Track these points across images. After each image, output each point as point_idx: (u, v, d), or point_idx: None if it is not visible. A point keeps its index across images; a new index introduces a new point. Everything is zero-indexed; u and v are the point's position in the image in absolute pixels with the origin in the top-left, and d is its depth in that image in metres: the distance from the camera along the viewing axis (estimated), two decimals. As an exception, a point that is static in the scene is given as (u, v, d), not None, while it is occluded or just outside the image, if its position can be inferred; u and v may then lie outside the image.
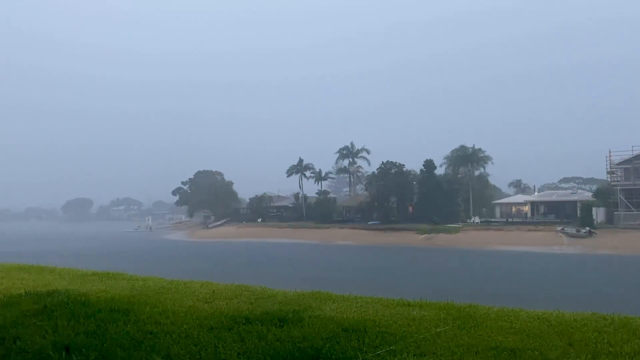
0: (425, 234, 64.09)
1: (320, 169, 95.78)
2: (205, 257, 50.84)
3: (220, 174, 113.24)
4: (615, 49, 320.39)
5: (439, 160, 78.24)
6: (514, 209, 74.02)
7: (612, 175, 63.16)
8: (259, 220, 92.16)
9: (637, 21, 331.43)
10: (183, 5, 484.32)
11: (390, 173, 77.57)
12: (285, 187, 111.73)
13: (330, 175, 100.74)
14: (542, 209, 70.89)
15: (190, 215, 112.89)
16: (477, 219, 69.73)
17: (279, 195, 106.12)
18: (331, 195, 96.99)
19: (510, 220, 68.30)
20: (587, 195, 69.85)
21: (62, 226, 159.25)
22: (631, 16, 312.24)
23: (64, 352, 4.45)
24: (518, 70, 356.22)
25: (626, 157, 60.24)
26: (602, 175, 70.28)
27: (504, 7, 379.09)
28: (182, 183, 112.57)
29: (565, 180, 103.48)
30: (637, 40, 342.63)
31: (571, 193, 75.46)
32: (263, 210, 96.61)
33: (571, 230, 56.04)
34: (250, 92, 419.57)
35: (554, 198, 72.28)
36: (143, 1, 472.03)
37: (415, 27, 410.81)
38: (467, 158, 76.53)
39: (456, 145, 78.15)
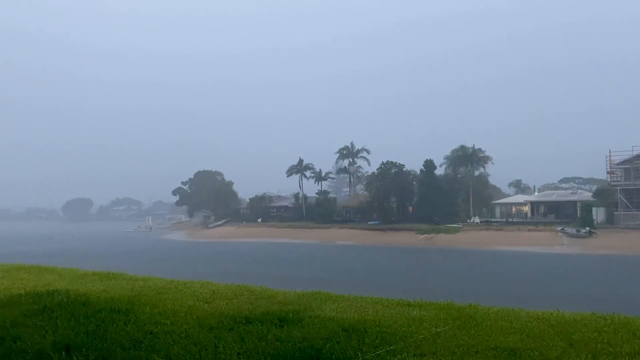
0: (425, 234, 64.10)
1: (320, 169, 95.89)
2: (205, 257, 50.86)
3: (220, 174, 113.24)
4: (615, 49, 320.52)
5: (439, 160, 78.33)
6: (514, 209, 74.01)
7: (612, 175, 63.17)
8: (259, 220, 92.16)
9: (637, 21, 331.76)
10: (183, 6, 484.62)
11: (390, 173, 77.56)
12: (285, 187, 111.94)
13: (330, 176, 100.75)
14: (542, 209, 70.88)
15: (190, 215, 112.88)
16: (477, 219, 69.72)
17: (279, 195, 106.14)
18: (331, 195, 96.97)
19: (510, 220, 68.31)
20: (587, 195, 69.85)
21: (62, 226, 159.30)
22: (631, 16, 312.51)
23: (64, 352, 4.44)
24: (518, 69, 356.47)
25: (626, 157, 60.24)
26: (602, 175, 70.32)
27: (504, 7, 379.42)
28: (182, 183, 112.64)
29: (565, 180, 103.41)
30: (637, 41, 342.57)
31: (571, 193, 75.44)
32: (263, 210, 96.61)
33: (571, 230, 56.05)
34: (250, 92, 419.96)
35: (554, 198, 72.27)
36: (143, 2, 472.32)
37: (415, 26, 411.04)
38: (467, 158, 76.50)
39: (456, 145, 78.21)
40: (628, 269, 38.01)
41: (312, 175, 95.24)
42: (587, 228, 55.08)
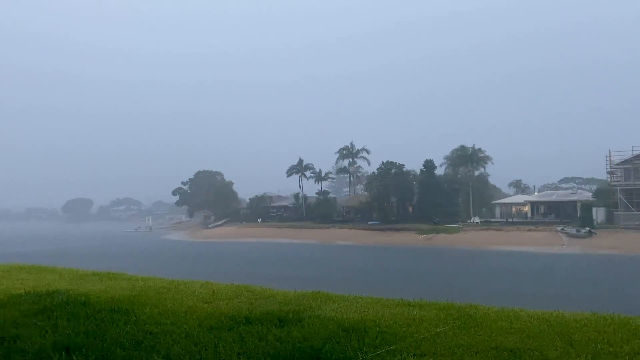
0: (425, 234, 64.10)
1: (320, 169, 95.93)
2: (205, 257, 50.85)
3: (220, 174, 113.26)
4: (615, 49, 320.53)
5: (439, 160, 78.34)
6: (514, 209, 74.02)
7: (612, 175, 63.18)
8: (259, 220, 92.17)
9: (637, 22, 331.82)
10: (183, 6, 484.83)
11: (390, 173, 77.58)
12: (285, 187, 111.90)
13: (330, 176, 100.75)
14: (542, 209, 70.88)
15: (191, 215, 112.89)
16: (477, 219, 69.72)
17: (279, 195, 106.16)
18: (331, 195, 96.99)
19: (510, 220, 68.30)
20: (587, 195, 69.86)
21: (62, 226, 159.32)
22: (631, 17, 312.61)
23: (64, 352, 4.44)
24: (518, 70, 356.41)
25: (626, 157, 60.26)
26: (602, 175, 70.33)
27: (504, 7, 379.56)
28: (182, 183, 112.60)
29: (565, 180, 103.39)
30: (638, 41, 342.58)
31: (571, 193, 75.46)
32: (263, 210, 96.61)
33: (571, 230, 56.05)
34: (250, 92, 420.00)
35: (554, 198, 72.27)
36: (143, 2, 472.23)
37: (415, 26, 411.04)
38: (467, 158, 76.50)
39: (456, 145, 78.24)
40: (628, 269, 38.01)
41: (312, 175, 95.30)
42: (587, 228, 55.07)
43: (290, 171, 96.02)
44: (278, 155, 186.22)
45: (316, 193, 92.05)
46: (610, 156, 61.98)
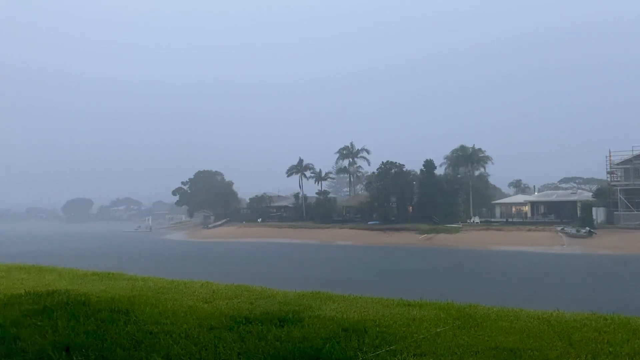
0: (425, 234, 64.08)
1: (320, 169, 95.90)
2: (205, 257, 50.85)
3: (220, 174, 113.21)
4: (615, 49, 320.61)
5: (439, 160, 78.34)
6: (514, 209, 74.00)
7: (612, 175, 63.17)
8: (259, 220, 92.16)
9: (637, 22, 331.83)
10: (183, 6, 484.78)
11: (390, 173, 77.55)
12: (285, 187, 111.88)
13: (330, 176, 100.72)
14: (542, 209, 70.86)
15: (191, 215, 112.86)
16: (477, 219, 69.71)
17: (278, 195, 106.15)
18: (331, 195, 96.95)
19: (510, 220, 68.28)
20: (587, 195, 69.83)
21: (62, 226, 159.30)
22: (631, 17, 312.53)
23: (64, 352, 4.44)
24: (518, 70, 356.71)
25: (626, 157, 60.27)
26: (602, 175, 70.32)
27: (504, 7, 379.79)
28: (182, 183, 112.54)
29: (565, 180, 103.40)
30: (637, 41, 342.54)
31: (571, 193, 75.43)
32: (263, 210, 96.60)
33: (571, 230, 56.03)
34: (250, 92, 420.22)
35: (554, 198, 72.25)
36: (143, 2, 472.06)
37: (415, 27, 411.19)
38: (467, 158, 76.50)
39: (456, 145, 78.24)
40: (628, 269, 38.00)
41: (312, 175, 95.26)
42: (587, 228, 55.05)
43: (290, 171, 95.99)
44: (278, 155, 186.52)
45: (316, 193, 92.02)
46: (610, 156, 62.01)
